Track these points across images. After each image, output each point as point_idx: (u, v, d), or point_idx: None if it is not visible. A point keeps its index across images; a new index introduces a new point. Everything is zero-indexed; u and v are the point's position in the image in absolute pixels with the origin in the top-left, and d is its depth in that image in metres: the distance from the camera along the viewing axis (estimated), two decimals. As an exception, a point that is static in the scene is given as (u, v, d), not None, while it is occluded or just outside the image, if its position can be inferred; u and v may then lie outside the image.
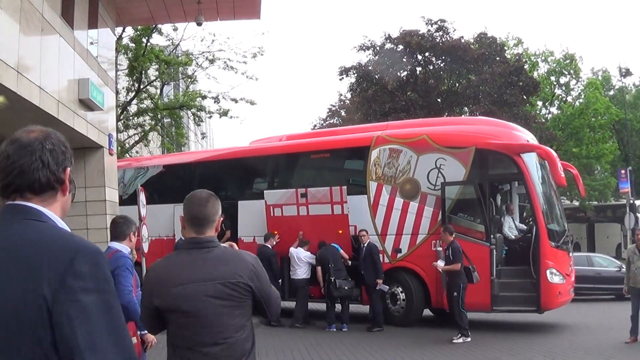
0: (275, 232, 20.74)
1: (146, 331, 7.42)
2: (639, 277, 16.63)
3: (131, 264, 7.67)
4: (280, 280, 20.21)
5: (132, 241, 7.98)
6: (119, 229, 7.89)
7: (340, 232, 19.92)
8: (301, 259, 19.78)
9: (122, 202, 20.05)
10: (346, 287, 19.14)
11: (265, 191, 21.53)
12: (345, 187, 20.03)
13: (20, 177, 2.48)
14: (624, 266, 31.68)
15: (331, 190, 19.97)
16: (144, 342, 7.77)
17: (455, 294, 16.93)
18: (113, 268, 6.88)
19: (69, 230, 2.54)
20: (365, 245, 19.02)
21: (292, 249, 20.00)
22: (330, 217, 20.02)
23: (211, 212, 4.62)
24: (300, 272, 19.75)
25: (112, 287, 2.42)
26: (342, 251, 19.52)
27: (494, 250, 18.30)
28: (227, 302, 4.40)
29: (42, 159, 2.49)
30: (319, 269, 19.60)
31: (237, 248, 4.96)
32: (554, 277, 17.89)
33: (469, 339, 16.79)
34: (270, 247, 20.13)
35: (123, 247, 7.76)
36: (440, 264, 17.30)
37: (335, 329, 19.23)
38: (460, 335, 16.88)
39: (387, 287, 19.24)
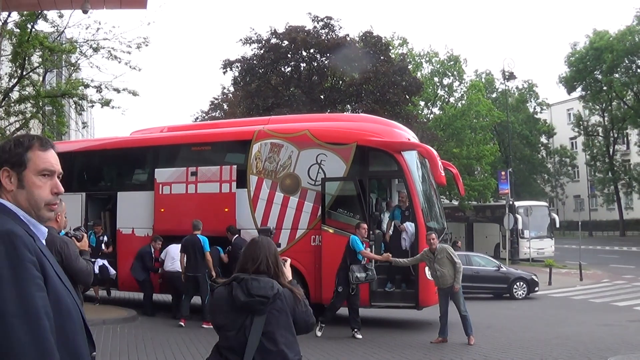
0: (162, 210, 20.65)
1: None
2: (442, 279, 16.56)
3: None
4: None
5: None
6: None
7: (226, 210, 19.80)
8: (175, 255, 19.49)
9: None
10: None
11: (155, 169, 21.24)
12: (236, 166, 20.06)
13: None
14: (502, 266, 32.55)
15: (221, 169, 19.99)
16: None
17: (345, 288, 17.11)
18: None
19: None
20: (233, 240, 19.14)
21: (167, 250, 19.85)
22: (218, 196, 20.02)
23: None
24: (177, 265, 19.40)
25: None
26: (223, 254, 19.46)
27: (373, 246, 18.37)
28: None
29: None
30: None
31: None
32: (432, 274, 18.01)
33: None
34: (152, 249, 20.20)
35: None
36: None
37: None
38: (357, 330, 17.16)
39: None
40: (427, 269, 17.87)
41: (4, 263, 2.87)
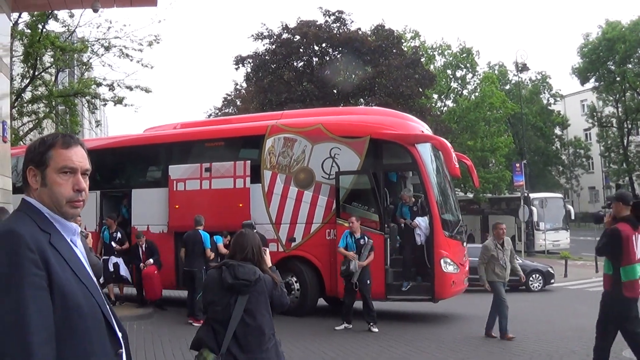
0: (177, 206, 20.67)
1: None
2: (508, 272, 16.35)
3: None
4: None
5: None
6: None
7: (240, 205, 19.76)
8: None
9: (16, 190, 19.44)
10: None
11: (169, 166, 21.28)
12: (250, 161, 20.05)
13: None
14: (518, 258, 32.20)
15: (235, 165, 20.03)
16: None
17: (369, 281, 17.00)
18: None
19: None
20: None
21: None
22: (232, 191, 20.00)
23: None
24: None
25: None
26: (220, 244, 19.24)
27: (388, 240, 18.31)
28: None
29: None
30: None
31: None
32: (448, 266, 17.99)
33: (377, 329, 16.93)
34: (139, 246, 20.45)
35: None
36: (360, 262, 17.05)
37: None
38: (373, 324, 17.06)
39: None
40: (443, 261, 17.87)
41: None
